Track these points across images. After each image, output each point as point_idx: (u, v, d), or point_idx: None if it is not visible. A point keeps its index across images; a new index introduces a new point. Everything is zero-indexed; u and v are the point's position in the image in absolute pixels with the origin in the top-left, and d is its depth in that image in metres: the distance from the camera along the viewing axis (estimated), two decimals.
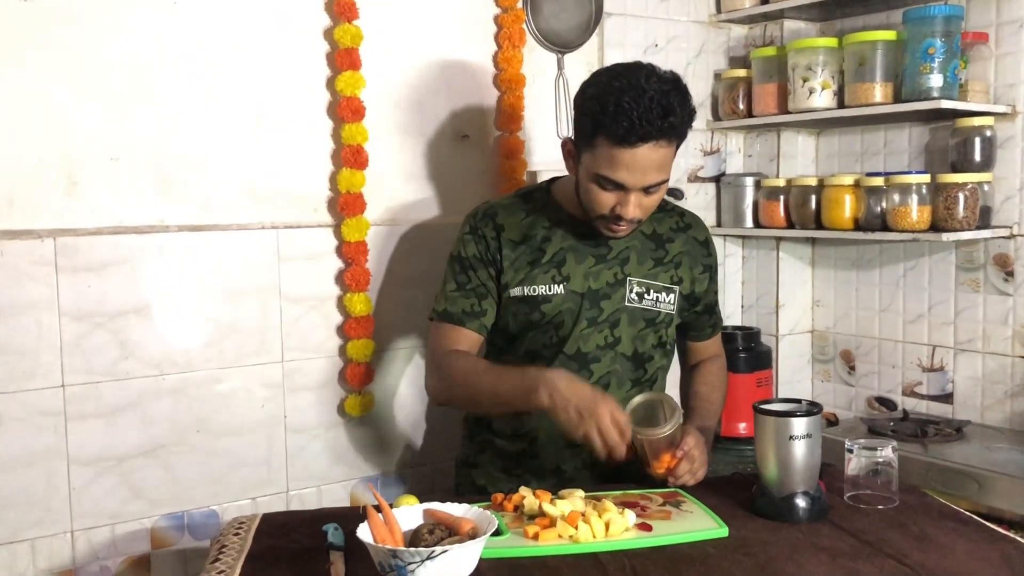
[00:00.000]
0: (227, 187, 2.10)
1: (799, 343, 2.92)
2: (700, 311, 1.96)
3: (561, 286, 1.82)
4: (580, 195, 1.77)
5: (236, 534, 1.57)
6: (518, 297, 1.83)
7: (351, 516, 1.49)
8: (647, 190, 1.69)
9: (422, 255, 2.32)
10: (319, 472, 2.26)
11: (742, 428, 2.60)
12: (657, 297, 1.86)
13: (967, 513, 1.61)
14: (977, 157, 2.37)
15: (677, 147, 1.70)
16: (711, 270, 1.96)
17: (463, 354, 1.83)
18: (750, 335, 2.77)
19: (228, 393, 2.13)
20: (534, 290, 1.82)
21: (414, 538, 1.32)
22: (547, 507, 1.49)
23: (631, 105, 1.59)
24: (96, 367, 1.97)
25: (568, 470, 1.86)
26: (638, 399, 1.70)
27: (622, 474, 1.81)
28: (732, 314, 2.96)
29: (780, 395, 2.80)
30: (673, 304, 1.88)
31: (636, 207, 1.69)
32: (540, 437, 1.86)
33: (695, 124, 2.77)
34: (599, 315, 1.83)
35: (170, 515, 2.08)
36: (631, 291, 1.84)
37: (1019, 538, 1.51)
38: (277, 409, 2.19)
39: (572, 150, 1.77)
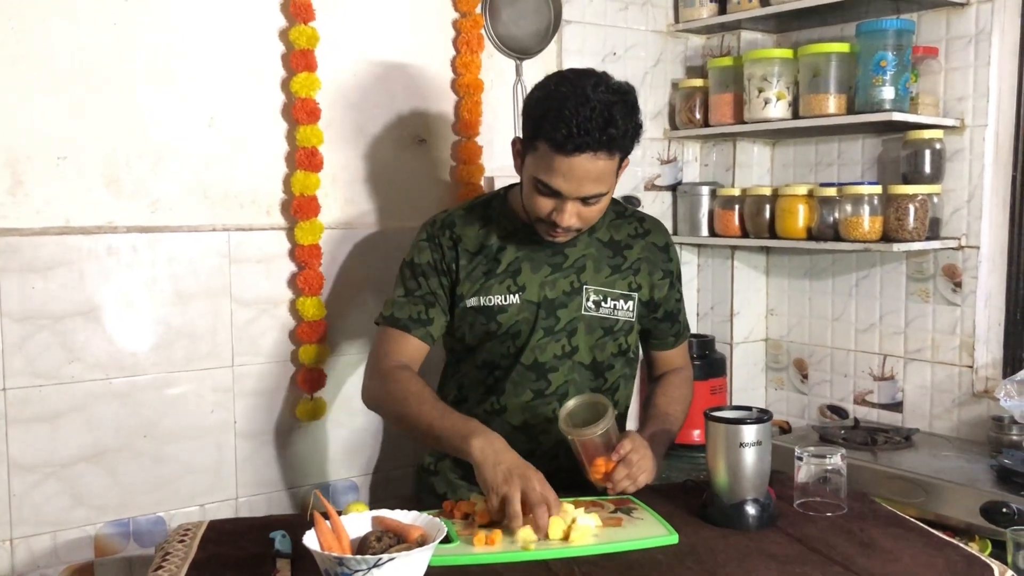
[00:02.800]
0: (178, 188, 2.07)
1: (753, 351, 2.95)
2: (660, 318, 1.94)
3: (517, 296, 1.80)
4: (523, 196, 1.76)
5: (181, 541, 1.54)
6: (474, 308, 1.81)
7: (299, 523, 1.46)
8: (585, 201, 1.67)
9: (377, 259, 2.30)
10: (269, 479, 2.22)
11: (696, 435, 2.62)
12: (615, 305, 1.85)
13: (913, 520, 1.63)
14: (927, 169, 2.41)
15: (621, 160, 1.69)
16: (672, 276, 1.94)
17: (413, 375, 1.78)
18: (705, 343, 2.79)
19: (177, 397, 2.09)
20: (490, 300, 1.81)
21: (362, 545, 1.30)
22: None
23: (572, 113, 1.58)
24: (40, 370, 1.93)
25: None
26: (572, 402, 1.67)
27: (580, 484, 1.81)
28: (688, 321, 2.97)
29: (734, 403, 2.82)
30: (632, 311, 1.87)
31: (572, 216, 1.68)
32: None
33: (652, 133, 2.85)
34: (556, 324, 1.82)
35: (115, 522, 2.04)
36: (588, 299, 1.83)
37: (963, 544, 1.53)
38: (227, 414, 2.15)
39: (519, 150, 1.76)
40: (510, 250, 1.83)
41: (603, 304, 1.84)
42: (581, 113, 1.58)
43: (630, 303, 1.86)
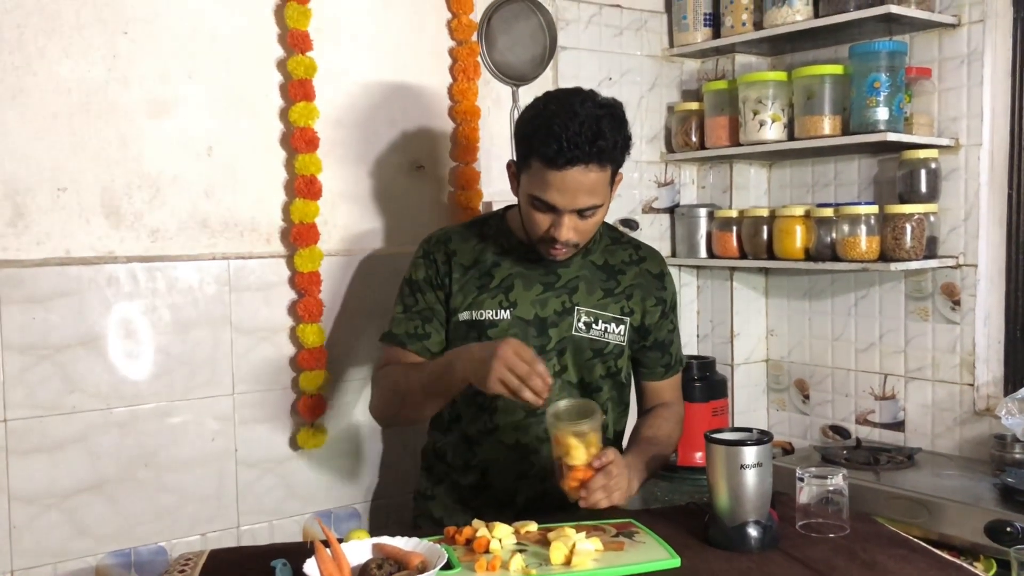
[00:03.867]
0: (178, 217, 2.08)
1: (754, 372, 2.95)
2: (650, 346, 1.93)
3: (508, 312, 1.82)
4: (521, 216, 1.78)
5: (182, 571, 1.54)
6: (466, 321, 1.83)
7: (300, 551, 1.46)
8: (581, 213, 1.70)
9: (376, 285, 2.31)
10: (271, 507, 2.22)
11: (698, 457, 2.61)
12: (606, 328, 1.85)
13: (916, 540, 1.62)
14: (923, 188, 2.42)
15: (614, 173, 1.72)
16: (665, 304, 1.93)
17: (392, 366, 1.84)
18: (705, 364, 2.78)
19: (177, 426, 2.09)
20: (481, 315, 1.82)
21: (362, 573, 1.30)
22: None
23: (561, 128, 1.62)
24: (40, 401, 1.93)
25: (521, 501, 1.85)
26: (564, 403, 1.65)
27: (575, 506, 1.81)
28: (688, 343, 2.98)
29: (736, 424, 2.81)
30: (623, 335, 1.87)
31: (570, 230, 1.70)
32: (490, 468, 1.85)
33: (649, 156, 2.87)
34: (548, 343, 1.82)
35: (116, 552, 2.03)
36: (579, 320, 1.84)
37: (967, 565, 1.53)
38: (228, 442, 2.15)
39: (515, 172, 1.79)
40: (504, 267, 1.85)
41: (594, 326, 1.84)
42: (570, 128, 1.61)
43: (622, 327, 1.87)
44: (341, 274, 2.28)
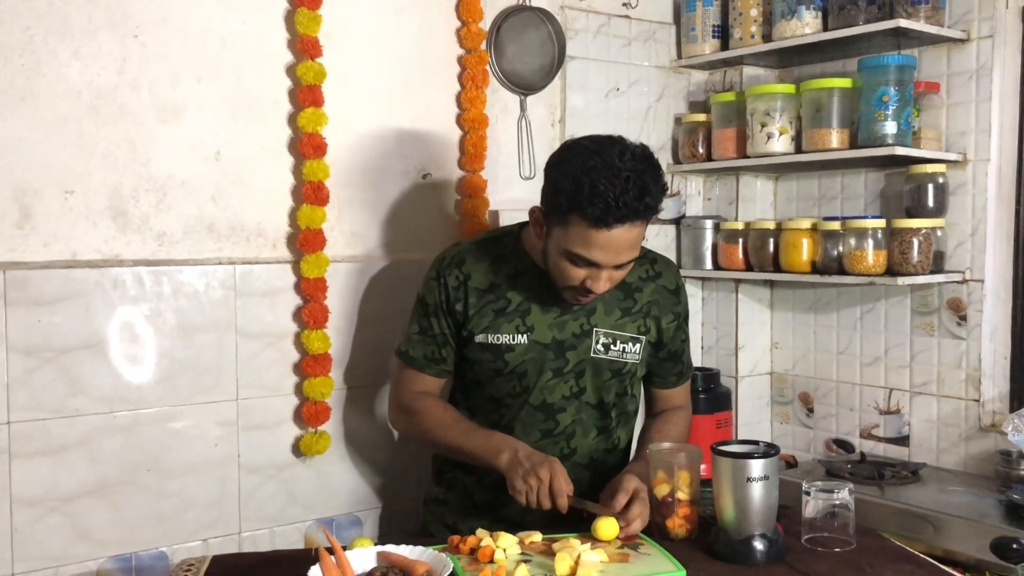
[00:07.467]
0: (184, 221, 2.08)
1: (758, 385, 2.94)
2: (664, 357, 1.95)
3: (525, 336, 1.81)
4: (548, 264, 1.75)
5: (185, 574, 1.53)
6: (482, 344, 1.83)
7: (303, 558, 1.45)
8: (620, 265, 1.69)
9: (382, 292, 2.30)
10: (273, 513, 2.21)
11: (702, 469, 2.59)
12: (624, 348, 1.85)
13: (922, 556, 1.62)
14: (931, 203, 2.41)
15: (648, 222, 1.70)
16: (680, 318, 1.95)
17: (433, 401, 1.91)
18: (710, 376, 2.78)
19: (180, 431, 2.08)
20: (498, 339, 1.82)
21: None
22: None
23: (607, 187, 1.58)
24: (44, 403, 1.92)
25: (534, 518, 1.84)
26: (667, 444, 1.77)
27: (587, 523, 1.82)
28: (692, 355, 2.96)
29: (740, 437, 2.80)
30: (639, 354, 1.88)
31: (607, 282, 1.70)
32: (506, 487, 1.84)
33: None
34: (565, 366, 1.82)
35: (117, 557, 2.02)
36: (597, 342, 1.84)
37: None
38: (231, 448, 2.14)
39: (541, 220, 1.74)
40: (520, 290, 1.84)
41: (612, 347, 1.84)
42: (617, 186, 1.58)
43: (638, 346, 1.87)
44: (347, 280, 2.28)
